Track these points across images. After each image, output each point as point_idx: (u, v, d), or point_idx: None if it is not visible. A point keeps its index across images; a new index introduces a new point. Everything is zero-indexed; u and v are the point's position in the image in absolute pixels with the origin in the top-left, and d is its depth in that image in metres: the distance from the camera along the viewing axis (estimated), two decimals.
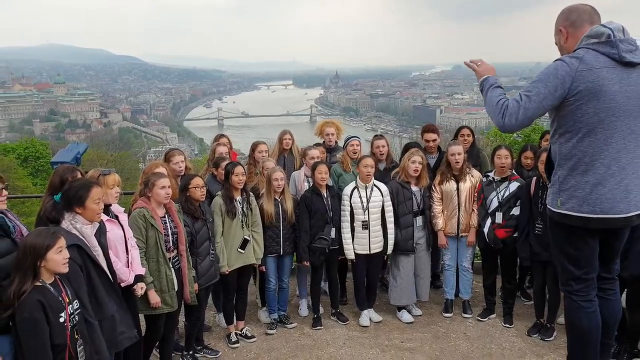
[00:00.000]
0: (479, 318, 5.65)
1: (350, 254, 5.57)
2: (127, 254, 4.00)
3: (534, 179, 5.10)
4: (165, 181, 4.36)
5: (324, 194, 5.51)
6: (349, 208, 5.52)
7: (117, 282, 3.71)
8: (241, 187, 5.16)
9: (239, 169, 5.10)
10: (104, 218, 3.77)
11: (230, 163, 5.25)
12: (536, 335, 5.21)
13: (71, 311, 3.03)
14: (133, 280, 3.97)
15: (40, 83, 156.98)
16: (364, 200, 5.49)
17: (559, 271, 3.26)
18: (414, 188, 5.63)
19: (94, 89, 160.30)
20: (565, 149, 2.99)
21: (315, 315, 5.68)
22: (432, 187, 5.68)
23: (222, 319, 5.53)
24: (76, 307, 3.09)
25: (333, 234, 5.51)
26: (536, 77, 2.99)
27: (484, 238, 5.43)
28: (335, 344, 5.24)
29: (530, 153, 5.70)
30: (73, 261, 3.12)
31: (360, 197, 5.50)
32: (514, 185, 5.31)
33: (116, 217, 4.02)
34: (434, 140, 6.19)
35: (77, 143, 6.38)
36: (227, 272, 5.08)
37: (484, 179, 5.51)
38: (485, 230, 5.39)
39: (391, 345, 5.17)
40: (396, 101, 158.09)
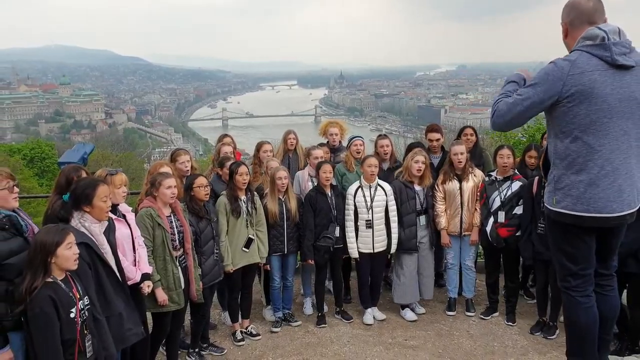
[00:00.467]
0: (482, 316, 5.69)
1: (354, 252, 5.62)
2: (134, 252, 4.07)
3: (536, 178, 5.13)
4: (171, 181, 4.42)
5: (329, 193, 5.56)
6: (353, 207, 5.57)
7: (125, 280, 3.77)
8: (245, 187, 5.22)
9: (243, 169, 5.16)
10: (112, 217, 3.83)
11: (235, 163, 5.30)
12: (539, 333, 5.25)
13: (81, 307, 3.10)
14: (140, 278, 4.03)
15: (45, 84, 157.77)
16: (368, 199, 5.55)
17: (557, 268, 3.32)
18: (417, 187, 5.67)
19: (99, 89, 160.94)
20: (560, 149, 3.04)
21: (319, 314, 5.73)
22: (435, 187, 5.73)
23: (228, 317, 5.60)
24: (86, 303, 3.16)
25: (337, 233, 5.56)
26: (531, 79, 3.06)
27: (486, 237, 5.47)
28: (340, 341, 5.30)
29: (534, 152, 5.72)
30: (81, 259, 3.19)
31: (364, 197, 5.55)
32: (516, 185, 5.36)
33: (124, 217, 4.08)
34: (438, 140, 6.24)
35: (84, 143, 6.42)
36: (232, 271, 5.14)
37: (487, 179, 5.56)
38: (488, 229, 5.43)
39: (395, 343, 5.22)
40: (400, 101, 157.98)
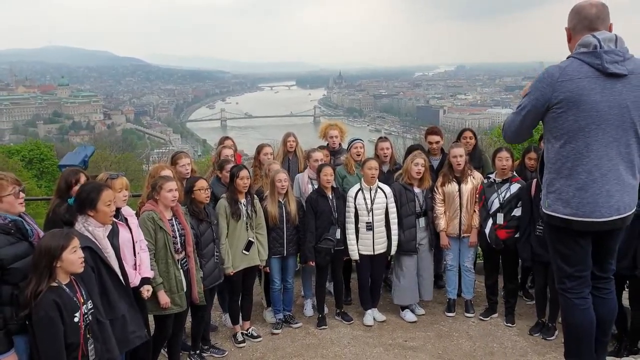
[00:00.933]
0: (481, 317, 5.73)
1: (354, 254, 5.65)
2: (135, 256, 4.08)
3: (535, 180, 5.17)
4: (172, 184, 4.45)
5: (329, 196, 5.60)
6: (354, 209, 5.61)
7: (129, 284, 3.79)
8: (246, 190, 5.25)
9: (244, 173, 5.19)
10: (115, 221, 3.86)
11: (236, 166, 5.33)
12: (538, 335, 5.29)
13: (85, 311, 3.13)
14: (139, 282, 4.03)
15: (43, 85, 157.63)
16: (368, 201, 5.58)
17: (554, 269, 3.38)
18: (417, 190, 5.71)
19: (97, 90, 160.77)
20: (551, 153, 3.12)
21: (320, 315, 5.76)
22: (435, 189, 5.77)
23: (228, 319, 5.62)
24: (90, 307, 3.19)
25: (338, 235, 5.59)
26: (528, 89, 3.16)
27: (485, 239, 5.51)
28: (340, 343, 5.33)
29: (534, 154, 5.76)
30: (85, 262, 3.22)
31: (364, 199, 5.59)
32: (515, 187, 5.39)
33: (125, 220, 4.10)
34: (437, 143, 6.27)
35: (85, 146, 6.45)
36: (232, 274, 5.17)
37: (485, 181, 5.60)
38: (487, 231, 5.47)
39: (395, 344, 5.26)
40: (399, 102, 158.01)
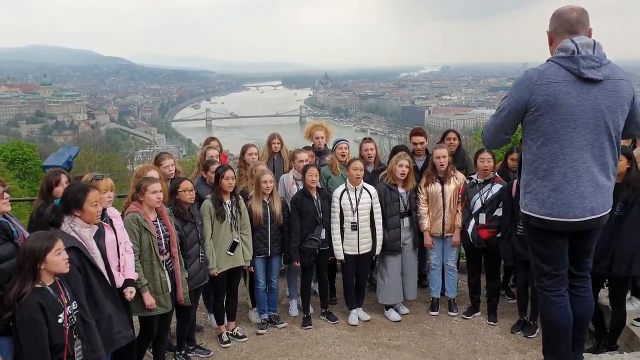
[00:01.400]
0: (464, 316, 5.80)
1: (339, 254, 5.70)
2: (119, 258, 4.08)
3: (515, 181, 5.25)
4: (156, 186, 4.45)
5: (314, 196, 5.63)
6: (339, 210, 5.65)
7: (115, 284, 3.80)
8: (231, 191, 5.27)
9: (229, 173, 5.21)
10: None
11: (221, 167, 5.34)
12: (519, 332, 5.38)
13: (69, 312, 3.14)
14: (122, 284, 4.02)
15: (26, 84, 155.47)
16: (354, 202, 5.63)
17: (533, 268, 3.46)
18: (401, 190, 5.77)
19: (81, 90, 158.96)
20: (528, 154, 3.21)
21: (305, 315, 5.80)
22: (418, 189, 5.83)
23: (214, 319, 5.63)
24: (74, 308, 3.20)
25: (323, 235, 5.63)
26: (507, 92, 3.23)
27: (468, 238, 5.59)
28: (325, 342, 5.37)
29: (516, 155, 5.83)
30: (71, 263, 3.23)
31: (349, 199, 5.63)
32: (496, 187, 5.48)
33: (110, 222, 4.10)
34: (422, 144, 6.35)
35: (69, 147, 6.43)
36: (217, 274, 5.19)
37: (468, 181, 5.68)
38: (469, 230, 5.55)
39: (379, 343, 5.31)
40: (385, 102, 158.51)
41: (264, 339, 5.49)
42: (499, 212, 5.42)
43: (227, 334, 5.45)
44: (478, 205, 5.50)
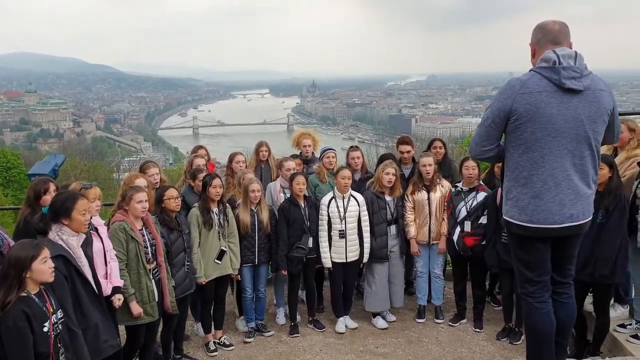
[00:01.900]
0: (450, 323, 5.84)
1: (327, 262, 5.72)
2: (106, 266, 4.08)
3: (499, 189, 5.32)
4: (142, 195, 4.44)
5: (302, 204, 5.66)
6: (327, 217, 5.68)
7: (102, 293, 3.79)
8: (218, 199, 5.27)
9: (216, 181, 5.22)
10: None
11: (209, 175, 5.36)
12: (505, 339, 5.42)
13: (55, 320, 3.12)
14: (110, 291, 4.03)
15: (10, 92, 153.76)
16: (341, 210, 5.66)
17: (516, 274, 3.51)
18: (388, 198, 5.81)
19: (66, 98, 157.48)
20: (510, 162, 3.27)
21: (292, 323, 5.80)
22: (405, 197, 5.88)
23: (200, 328, 5.62)
24: (60, 317, 3.18)
25: (310, 244, 5.65)
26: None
27: (453, 246, 5.64)
28: (312, 350, 5.38)
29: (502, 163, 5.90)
30: (58, 271, 3.22)
31: (337, 207, 5.66)
32: (481, 195, 5.55)
33: (96, 230, 4.10)
34: (409, 152, 6.41)
35: (55, 155, 6.41)
36: (204, 283, 5.18)
37: (453, 189, 5.74)
38: (455, 238, 5.60)
39: (366, 351, 5.33)
40: (372, 110, 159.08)
41: (251, 348, 5.48)
42: (484, 220, 5.48)
43: (214, 342, 5.44)
44: (463, 213, 5.57)
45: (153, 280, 4.47)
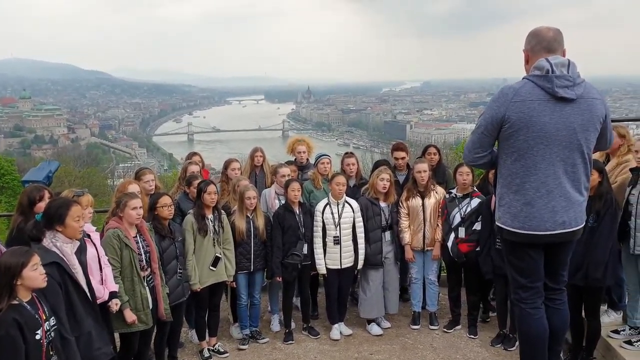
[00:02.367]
0: (445, 329, 5.84)
1: (322, 269, 5.71)
2: (101, 271, 4.08)
3: (493, 195, 5.34)
4: (137, 202, 4.44)
5: (297, 211, 5.66)
6: (321, 224, 5.68)
7: (95, 300, 3.77)
8: (213, 205, 5.27)
9: (211, 188, 5.22)
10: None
11: (204, 181, 5.36)
12: (499, 345, 5.42)
13: (47, 328, 3.09)
14: (107, 297, 4.05)
15: (4, 98, 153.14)
16: (336, 216, 5.66)
17: (509, 280, 3.53)
18: (383, 204, 5.82)
19: (61, 104, 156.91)
20: (503, 169, 3.29)
21: (287, 330, 5.78)
22: (400, 203, 5.89)
23: (195, 335, 5.60)
24: (52, 324, 3.15)
25: (305, 250, 5.65)
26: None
27: (448, 252, 5.65)
28: (307, 357, 5.36)
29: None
30: (52, 278, 3.20)
31: (332, 213, 5.67)
32: (475, 202, 5.56)
33: (88, 236, 4.09)
34: (403, 158, 6.42)
35: (49, 161, 6.37)
36: (199, 290, 5.17)
37: (447, 196, 5.76)
38: (449, 244, 5.61)
39: (361, 358, 5.32)
40: (367, 116, 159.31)
41: (245, 355, 5.46)
42: (478, 226, 5.50)
43: (209, 349, 5.42)
44: (457, 219, 5.58)
45: (147, 287, 4.45)
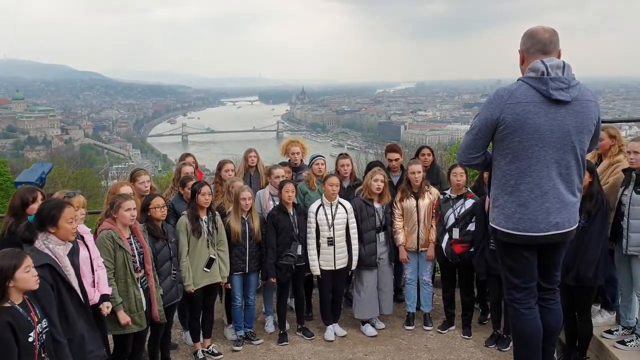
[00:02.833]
0: (439, 330, 5.84)
1: (316, 270, 5.71)
2: (93, 274, 4.06)
3: (487, 196, 5.35)
4: (131, 203, 4.43)
5: (291, 212, 5.65)
6: (315, 225, 5.68)
7: (88, 302, 3.76)
8: (207, 206, 5.25)
9: (205, 189, 5.21)
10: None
11: (197, 182, 5.35)
12: (493, 346, 5.43)
13: (40, 330, 3.08)
14: (98, 299, 4.03)
15: None
16: (330, 217, 5.66)
17: (503, 281, 3.55)
18: (377, 205, 5.83)
19: (54, 105, 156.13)
20: (497, 170, 3.31)
21: (281, 331, 5.78)
22: (394, 204, 5.90)
23: (189, 336, 5.57)
24: (45, 326, 3.14)
25: (299, 251, 5.64)
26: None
27: (442, 253, 5.66)
28: (301, 358, 5.36)
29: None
30: (44, 280, 3.18)
31: (325, 214, 5.66)
32: (469, 202, 5.58)
33: (82, 238, 4.07)
34: (397, 160, 6.44)
35: (42, 163, 6.33)
36: (193, 291, 5.15)
37: (441, 196, 5.76)
38: (443, 245, 5.62)
39: (355, 359, 5.32)
40: (362, 117, 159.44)
41: (239, 356, 5.45)
42: (472, 227, 5.51)
43: (203, 351, 5.40)
44: (451, 220, 5.59)
45: (141, 289, 4.44)
